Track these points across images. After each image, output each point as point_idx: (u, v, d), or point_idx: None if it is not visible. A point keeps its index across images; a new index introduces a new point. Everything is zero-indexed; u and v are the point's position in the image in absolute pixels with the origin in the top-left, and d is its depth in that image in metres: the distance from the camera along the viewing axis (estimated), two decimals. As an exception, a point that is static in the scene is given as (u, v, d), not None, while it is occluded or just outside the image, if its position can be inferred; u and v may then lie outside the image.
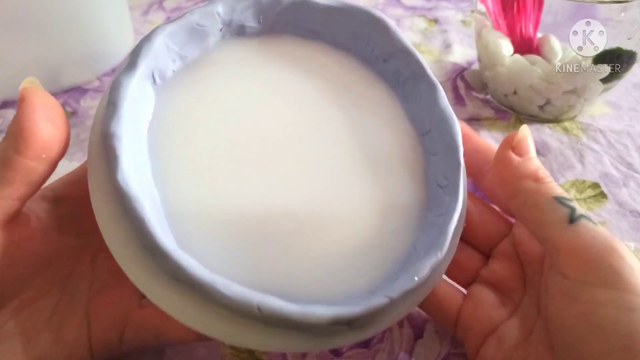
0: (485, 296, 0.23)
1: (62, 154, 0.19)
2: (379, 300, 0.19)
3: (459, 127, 0.23)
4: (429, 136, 0.23)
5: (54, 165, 0.19)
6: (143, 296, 0.24)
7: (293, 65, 0.24)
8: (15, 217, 0.20)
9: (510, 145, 0.22)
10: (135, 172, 0.19)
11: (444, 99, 0.23)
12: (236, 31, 0.23)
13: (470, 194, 0.26)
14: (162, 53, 0.21)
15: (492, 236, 0.25)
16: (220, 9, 0.22)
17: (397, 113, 0.24)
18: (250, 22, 0.23)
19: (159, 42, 0.21)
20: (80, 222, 0.23)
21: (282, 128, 0.22)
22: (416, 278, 0.19)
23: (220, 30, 0.23)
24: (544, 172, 0.21)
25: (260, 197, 0.21)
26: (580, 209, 0.20)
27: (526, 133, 0.22)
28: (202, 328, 0.18)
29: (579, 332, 0.18)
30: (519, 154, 0.21)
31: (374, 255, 0.21)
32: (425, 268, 0.20)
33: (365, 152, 0.23)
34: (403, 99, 0.24)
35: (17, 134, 0.18)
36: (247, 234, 0.20)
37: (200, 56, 0.23)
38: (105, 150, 0.18)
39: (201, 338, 0.23)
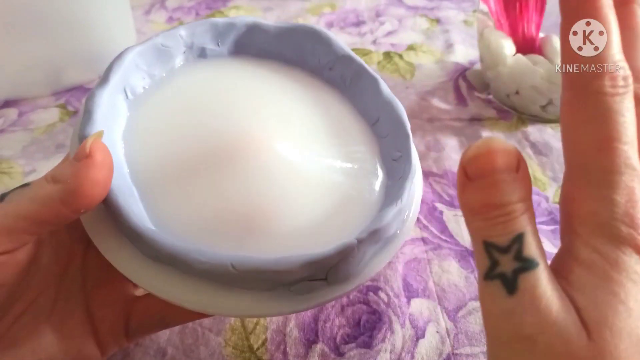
0: None
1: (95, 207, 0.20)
2: (347, 242, 0.19)
3: (402, 108, 0.25)
4: (379, 123, 0.26)
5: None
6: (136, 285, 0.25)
7: (250, 80, 0.26)
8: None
9: (463, 162, 0.17)
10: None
11: (386, 88, 0.25)
12: (198, 53, 0.26)
13: None
14: (132, 70, 0.24)
15: None
16: (182, 32, 0.25)
17: (348, 110, 0.27)
18: (210, 45, 0.26)
19: (129, 60, 0.23)
20: None
21: (245, 129, 0.24)
22: (382, 222, 0.21)
23: (184, 52, 0.26)
24: (488, 206, 0.16)
25: (230, 188, 0.22)
26: (507, 264, 0.15)
27: (484, 149, 0.16)
28: (186, 302, 0.20)
29: None
30: (470, 176, 0.16)
31: (341, 223, 0.22)
32: (387, 214, 0.21)
33: (326, 137, 0.25)
34: (351, 98, 0.27)
35: (70, 188, 0.18)
36: (222, 219, 0.21)
37: (167, 75, 0.25)
38: None
39: (203, 315, 0.24)
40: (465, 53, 0.49)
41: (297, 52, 0.27)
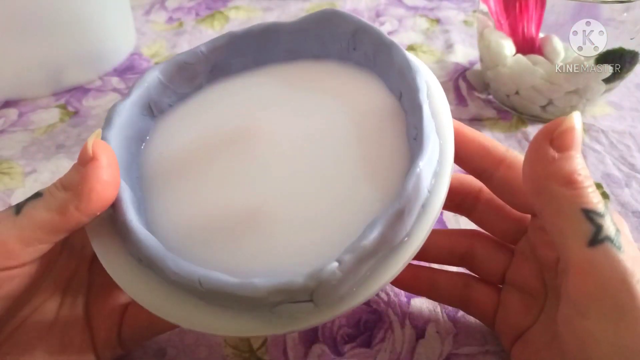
0: (513, 302, 0.24)
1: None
2: (322, 266, 0.17)
3: (417, 71, 0.21)
4: (402, 97, 0.23)
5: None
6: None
7: (278, 88, 0.25)
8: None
9: (550, 135, 0.19)
10: (122, 170, 0.21)
11: (400, 54, 0.22)
12: (224, 69, 0.26)
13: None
14: (156, 87, 0.24)
15: (510, 232, 0.25)
16: (203, 48, 0.25)
17: (378, 90, 0.24)
18: (234, 58, 0.26)
19: (152, 76, 0.24)
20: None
21: (271, 130, 0.23)
22: (374, 233, 0.17)
23: (210, 71, 0.26)
24: (580, 176, 0.18)
25: (236, 195, 0.21)
26: (610, 227, 0.17)
27: (573, 124, 0.19)
28: (164, 313, 0.19)
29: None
30: (558, 149, 0.18)
31: (350, 226, 0.19)
32: (379, 222, 0.17)
33: (354, 134, 0.22)
34: (380, 74, 0.24)
35: (82, 194, 0.18)
36: (219, 227, 0.21)
37: (192, 92, 0.26)
38: None
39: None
40: (465, 53, 0.49)
41: (319, 42, 0.26)
